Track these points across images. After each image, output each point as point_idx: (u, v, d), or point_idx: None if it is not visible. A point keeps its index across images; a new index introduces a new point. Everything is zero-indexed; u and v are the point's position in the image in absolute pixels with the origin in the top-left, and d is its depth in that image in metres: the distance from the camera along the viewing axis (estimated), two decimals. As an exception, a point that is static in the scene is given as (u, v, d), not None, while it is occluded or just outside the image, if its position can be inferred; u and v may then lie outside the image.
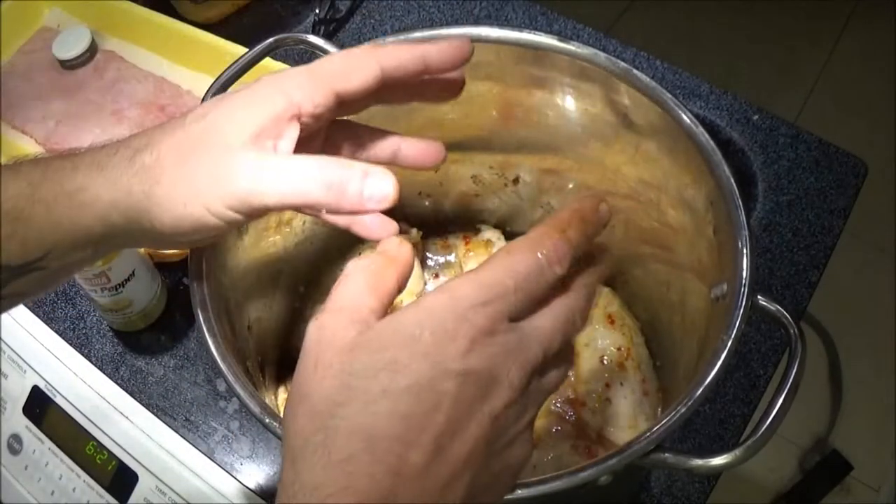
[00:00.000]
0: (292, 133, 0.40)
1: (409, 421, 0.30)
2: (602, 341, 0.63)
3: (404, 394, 0.30)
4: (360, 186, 0.37)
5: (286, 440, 0.32)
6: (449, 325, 0.31)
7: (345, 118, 0.46)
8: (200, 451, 0.66)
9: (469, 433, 0.31)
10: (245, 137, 0.38)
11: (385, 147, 0.46)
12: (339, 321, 0.33)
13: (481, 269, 0.33)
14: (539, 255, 0.33)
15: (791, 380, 0.43)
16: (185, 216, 0.39)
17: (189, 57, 0.86)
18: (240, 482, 0.65)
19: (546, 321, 0.34)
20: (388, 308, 0.35)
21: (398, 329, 0.32)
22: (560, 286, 0.35)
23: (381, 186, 0.38)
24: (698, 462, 0.42)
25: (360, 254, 0.69)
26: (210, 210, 0.38)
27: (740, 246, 0.45)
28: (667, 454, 0.42)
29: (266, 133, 0.39)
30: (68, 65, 0.88)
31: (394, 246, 0.37)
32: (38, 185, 0.39)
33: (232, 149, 0.38)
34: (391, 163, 0.43)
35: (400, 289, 0.36)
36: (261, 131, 0.39)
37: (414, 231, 0.71)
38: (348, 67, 0.40)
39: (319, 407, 0.31)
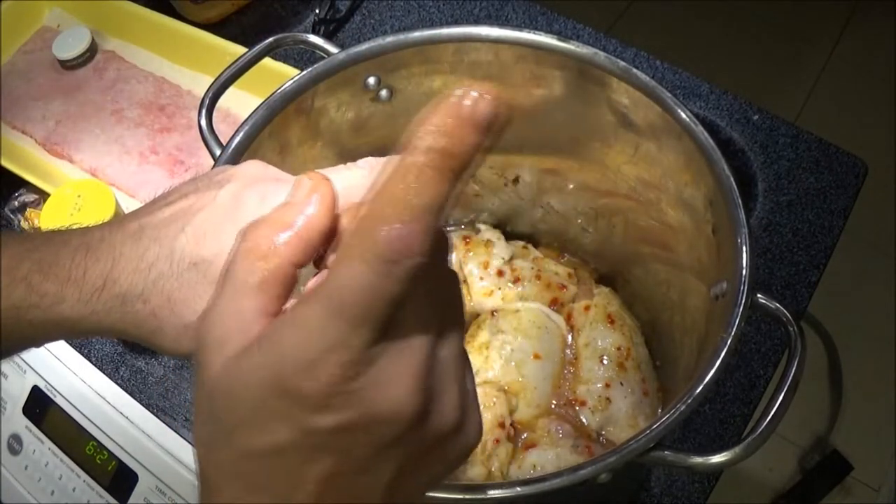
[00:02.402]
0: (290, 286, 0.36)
1: (284, 474, 0.27)
2: (602, 341, 0.63)
3: (268, 454, 0.27)
4: None
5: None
6: (293, 383, 0.26)
7: None
8: (200, 450, 0.66)
9: (364, 467, 0.28)
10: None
11: None
12: (213, 338, 0.29)
13: (314, 299, 0.26)
14: (370, 262, 0.25)
15: (791, 378, 0.43)
16: (186, 352, 0.38)
17: (189, 57, 0.86)
18: (240, 482, 0.65)
19: (417, 315, 0.27)
20: (287, 295, 0.30)
21: (246, 384, 0.27)
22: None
23: None
24: (698, 460, 0.42)
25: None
26: None
27: (740, 244, 0.45)
28: (666, 452, 0.42)
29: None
30: (68, 65, 0.88)
31: (300, 195, 0.30)
32: (24, 310, 0.37)
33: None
34: None
35: (308, 259, 0.30)
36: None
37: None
38: (346, 195, 0.34)
39: (199, 446, 0.30)
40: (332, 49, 0.55)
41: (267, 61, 0.61)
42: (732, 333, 0.42)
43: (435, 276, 0.29)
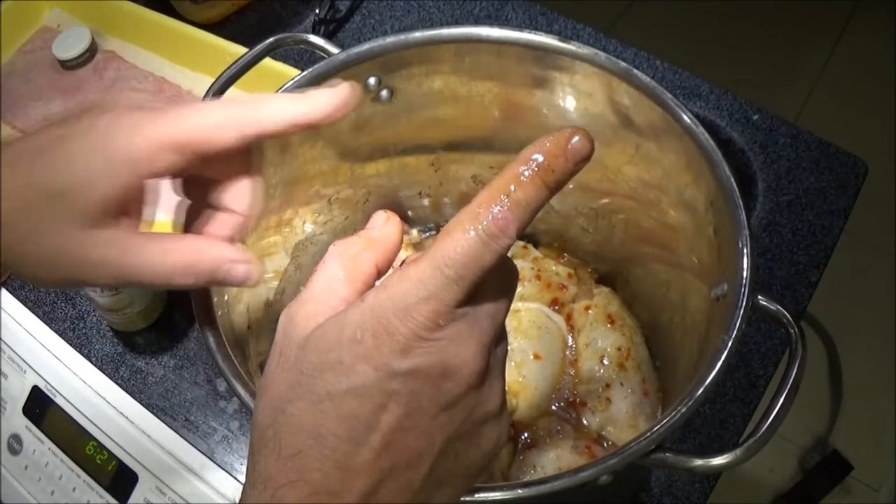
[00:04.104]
0: (140, 197, 0.39)
1: (354, 421, 0.30)
2: (602, 341, 0.63)
3: (348, 396, 0.31)
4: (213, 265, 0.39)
5: (251, 430, 0.33)
6: (390, 325, 0.31)
7: None
8: (200, 451, 0.66)
9: (423, 427, 0.31)
10: (95, 219, 0.37)
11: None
12: (305, 312, 0.34)
13: (421, 259, 0.31)
14: (477, 231, 0.30)
15: (791, 380, 0.43)
16: (53, 280, 0.39)
17: (189, 57, 0.86)
18: (240, 482, 0.65)
19: (491, 302, 0.33)
20: (365, 291, 0.34)
21: (343, 329, 0.31)
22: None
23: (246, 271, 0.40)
24: (698, 462, 0.42)
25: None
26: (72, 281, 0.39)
27: (740, 246, 0.45)
28: (667, 454, 0.42)
29: (118, 209, 0.37)
30: (68, 65, 0.88)
31: (378, 223, 0.37)
32: None
33: (81, 237, 0.37)
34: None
35: (381, 272, 0.36)
36: (112, 210, 0.37)
37: (414, 231, 0.71)
38: (208, 135, 0.37)
39: (274, 401, 0.32)
40: (333, 49, 0.55)
41: (267, 61, 0.61)
42: (733, 336, 0.42)
43: (506, 272, 0.34)
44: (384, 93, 0.57)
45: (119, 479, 0.66)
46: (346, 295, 0.34)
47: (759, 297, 0.45)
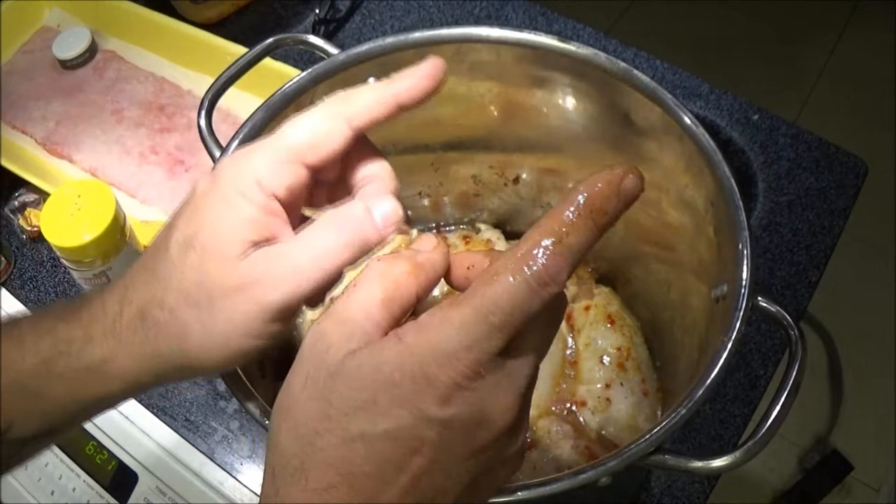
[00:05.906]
0: (280, 220, 0.36)
1: (386, 463, 0.30)
2: (602, 341, 0.63)
3: (382, 438, 0.30)
4: (373, 224, 0.36)
5: (269, 450, 0.32)
6: (430, 370, 0.29)
7: None
8: (200, 451, 0.66)
9: (451, 469, 0.31)
10: (241, 251, 0.35)
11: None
12: (337, 333, 0.31)
13: (464, 302, 0.30)
14: (526, 278, 0.29)
15: (791, 381, 0.43)
16: (230, 355, 0.36)
17: (189, 57, 0.86)
18: (240, 482, 0.65)
19: (534, 344, 0.32)
20: (401, 319, 0.33)
21: (379, 368, 0.30)
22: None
23: (387, 210, 0.36)
24: (698, 464, 0.42)
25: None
26: (254, 335, 0.35)
27: (740, 247, 0.45)
28: (667, 456, 0.42)
29: (259, 235, 0.35)
30: (68, 65, 0.88)
31: (428, 246, 0.35)
32: (53, 361, 0.36)
33: (237, 268, 0.34)
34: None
35: (420, 300, 0.34)
36: (253, 237, 0.35)
37: (414, 231, 0.71)
38: (317, 137, 0.36)
39: (300, 429, 0.31)
40: (332, 49, 0.55)
41: (267, 61, 0.61)
42: (733, 338, 0.42)
43: (553, 308, 0.32)
44: (384, 93, 0.57)
45: (119, 479, 0.66)
46: (381, 320, 0.32)
47: (759, 298, 0.45)
